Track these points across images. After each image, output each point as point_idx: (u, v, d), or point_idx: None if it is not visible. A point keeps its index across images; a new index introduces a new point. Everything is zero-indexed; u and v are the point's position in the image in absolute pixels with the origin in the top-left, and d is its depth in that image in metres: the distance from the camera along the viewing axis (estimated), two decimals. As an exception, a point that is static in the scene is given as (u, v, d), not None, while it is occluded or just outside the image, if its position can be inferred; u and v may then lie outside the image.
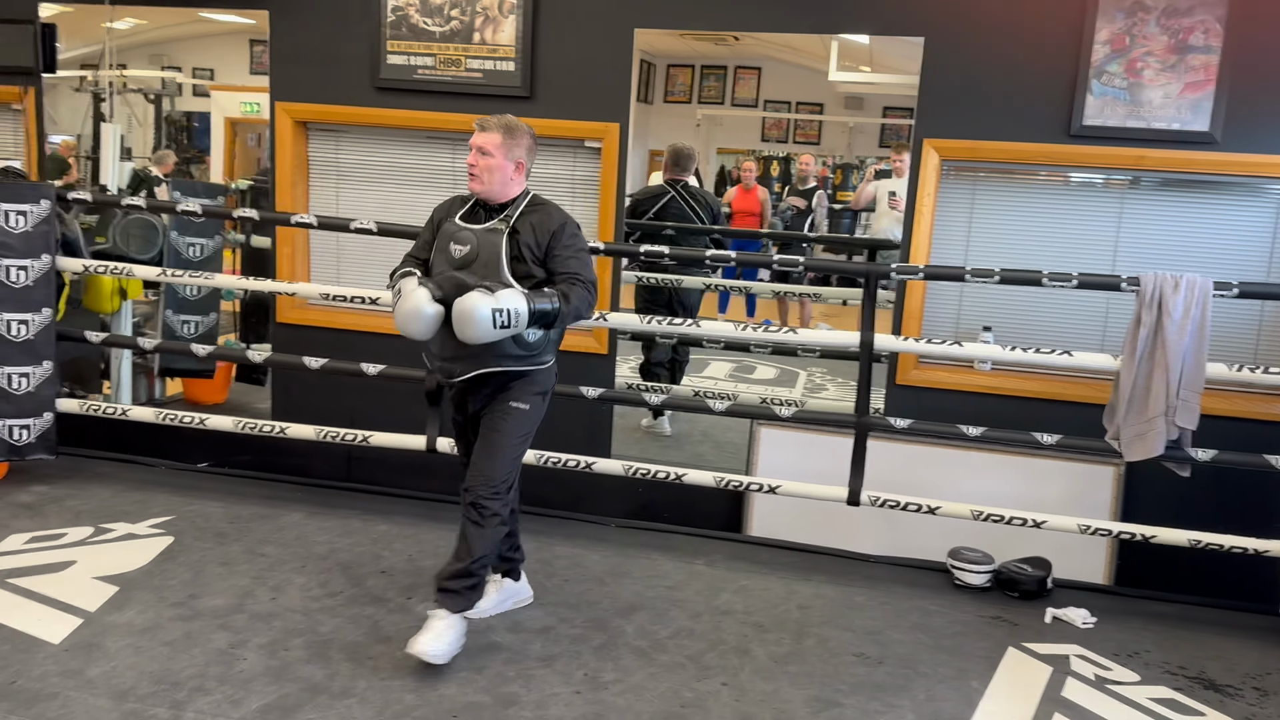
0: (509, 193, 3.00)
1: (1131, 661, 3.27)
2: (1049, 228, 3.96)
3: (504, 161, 2.95)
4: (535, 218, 2.97)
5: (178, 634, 3.04)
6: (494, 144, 2.94)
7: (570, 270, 2.94)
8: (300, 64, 4.38)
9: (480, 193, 2.99)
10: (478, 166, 2.95)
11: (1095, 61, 3.75)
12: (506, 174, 2.97)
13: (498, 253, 2.92)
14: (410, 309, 2.86)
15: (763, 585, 3.67)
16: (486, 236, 2.95)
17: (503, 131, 2.96)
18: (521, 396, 3.01)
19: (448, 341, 2.93)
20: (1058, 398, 3.92)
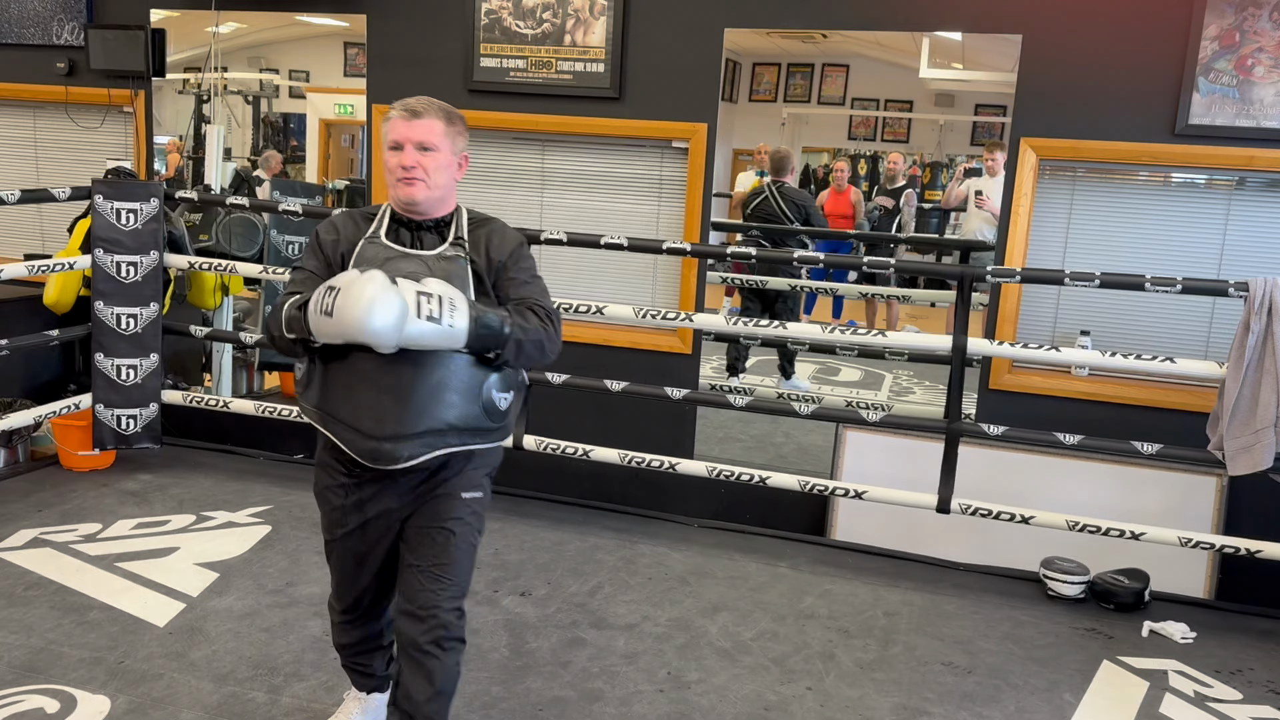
0: (449, 203, 2.25)
1: (1234, 679, 3.15)
2: (1150, 230, 3.84)
3: (451, 157, 2.19)
4: (484, 236, 2.24)
5: (275, 620, 3.14)
6: (438, 134, 2.15)
7: (526, 295, 2.21)
8: (395, 66, 4.48)
9: (420, 202, 2.17)
10: (419, 168, 2.14)
11: (1203, 58, 3.62)
12: (453, 173, 2.21)
13: (462, 289, 2.13)
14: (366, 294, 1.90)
15: (848, 590, 3.63)
16: (443, 266, 2.16)
17: (444, 117, 2.18)
18: (473, 482, 2.25)
19: (387, 411, 2.07)
20: (1158, 405, 3.80)
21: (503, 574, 3.58)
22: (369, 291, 1.91)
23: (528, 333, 2.13)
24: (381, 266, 2.07)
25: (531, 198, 4.47)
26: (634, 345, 4.34)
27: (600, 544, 3.91)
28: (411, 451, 2.11)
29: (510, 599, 3.38)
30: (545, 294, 2.27)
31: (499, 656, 2.99)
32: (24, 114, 5.27)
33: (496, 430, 2.24)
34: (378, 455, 2.10)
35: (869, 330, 3.83)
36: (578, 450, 3.97)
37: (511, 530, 3.97)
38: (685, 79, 4.14)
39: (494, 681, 2.86)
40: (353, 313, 1.90)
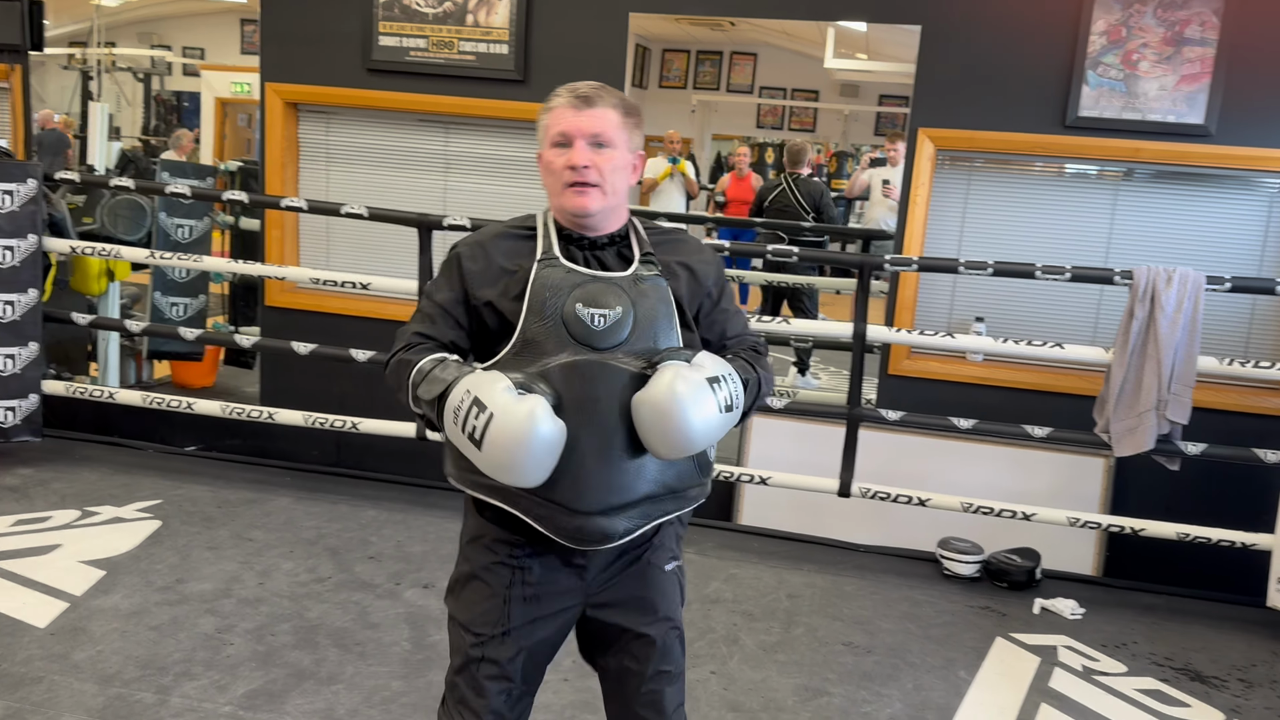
0: (623, 212, 1.76)
1: (1119, 653, 3.28)
2: (1043, 219, 3.95)
3: (628, 156, 1.72)
4: (681, 255, 1.76)
5: (164, 619, 3.02)
6: (614, 126, 1.68)
7: (743, 333, 1.83)
8: (291, 44, 4.34)
9: (594, 214, 1.69)
10: (594, 169, 1.66)
11: (1092, 52, 3.74)
12: (629, 178, 1.73)
13: (669, 314, 1.69)
14: (522, 435, 1.51)
15: (753, 574, 3.67)
16: (643, 290, 1.67)
17: (621, 107, 1.71)
18: (663, 556, 1.80)
19: (594, 478, 1.61)
20: (1049, 389, 3.92)
21: (405, 566, 3.51)
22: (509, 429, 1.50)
23: (767, 381, 1.79)
24: (568, 296, 1.63)
25: (434, 181, 4.39)
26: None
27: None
28: (629, 523, 1.66)
29: (412, 591, 3.32)
30: (749, 321, 1.93)
31: (400, 650, 2.94)
32: (-112, 87, 4.95)
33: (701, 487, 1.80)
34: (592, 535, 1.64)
35: (773, 318, 3.86)
36: (482, 439, 3.91)
37: (415, 521, 3.90)
38: (591, 63, 4.10)
39: (394, 676, 2.80)
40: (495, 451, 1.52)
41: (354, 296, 4.33)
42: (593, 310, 1.63)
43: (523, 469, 1.54)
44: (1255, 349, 3.86)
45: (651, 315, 1.67)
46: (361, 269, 4.29)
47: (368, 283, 3.90)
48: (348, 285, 3.93)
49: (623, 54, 4.12)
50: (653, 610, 1.76)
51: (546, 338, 1.62)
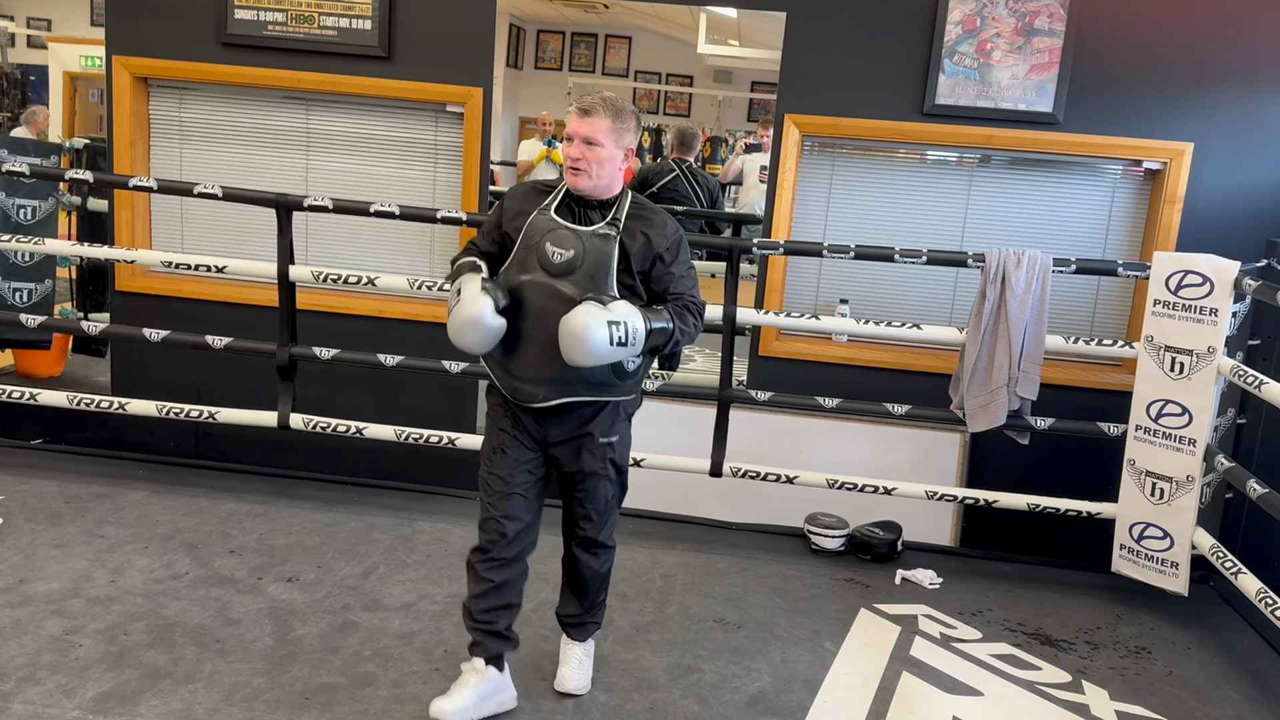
0: (614, 188, 2.54)
1: (975, 620, 3.42)
2: (904, 204, 4.08)
3: (615, 151, 2.49)
4: (645, 225, 2.52)
5: (5, 621, 2.85)
6: (603, 131, 2.46)
7: (683, 291, 2.55)
8: (141, 16, 4.11)
9: (586, 190, 2.51)
10: (585, 160, 2.47)
11: (948, 41, 3.86)
12: (617, 165, 2.51)
13: (608, 263, 2.47)
14: (468, 318, 2.39)
15: (628, 555, 3.69)
16: (595, 242, 2.47)
17: (611, 114, 2.48)
18: (605, 429, 2.61)
19: (532, 360, 2.49)
20: (909, 368, 4.05)
21: (268, 560, 3.40)
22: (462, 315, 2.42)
23: (685, 332, 2.51)
24: (545, 236, 2.49)
25: (295, 160, 4.24)
26: (411, 317, 4.20)
27: (376, 523, 3.79)
28: (548, 394, 2.51)
29: (275, 585, 3.22)
30: (696, 285, 2.60)
31: (262, 646, 2.85)
32: None
33: (624, 387, 2.58)
34: (524, 395, 2.53)
35: (644, 300, 3.88)
36: (350, 427, 3.82)
37: (279, 514, 3.78)
38: (460, 40, 4.03)
39: (256, 673, 2.71)
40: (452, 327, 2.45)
41: (210, 280, 4.16)
42: (555, 249, 2.48)
43: (463, 341, 2.45)
44: (1099, 328, 4.08)
45: (597, 261, 2.47)
46: (218, 251, 4.12)
47: (224, 265, 3.75)
48: (203, 269, 3.77)
49: (490, 32, 4.06)
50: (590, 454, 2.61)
51: (526, 260, 2.51)
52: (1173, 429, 3.42)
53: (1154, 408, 3.45)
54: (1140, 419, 3.49)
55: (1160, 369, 3.43)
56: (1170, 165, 3.84)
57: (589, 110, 2.48)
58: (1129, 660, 3.24)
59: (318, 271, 3.73)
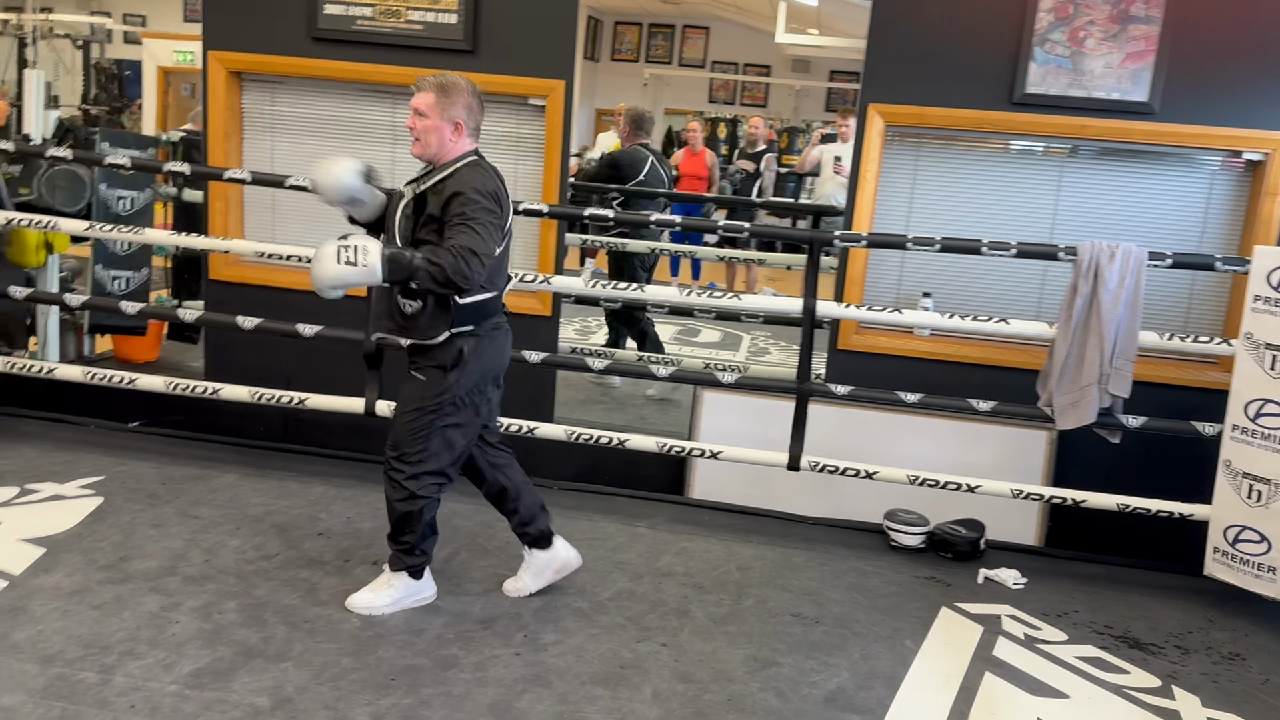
0: (449, 154, 2.90)
1: (1060, 621, 3.35)
2: (989, 195, 4.00)
3: (440, 122, 2.86)
4: (447, 183, 2.85)
5: (107, 597, 2.97)
6: (428, 104, 2.85)
7: (453, 238, 2.77)
8: (235, 12, 4.23)
9: (420, 156, 2.92)
10: (416, 129, 2.88)
11: (1039, 29, 3.77)
12: (444, 135, 2.87)
13: (393, 214, 2.92)
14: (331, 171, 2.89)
15: (703, 547, 3.69)
16: (408, 199, 2.92)
17: (437, 91, 2.86)
18: (420, 368, 2.96)
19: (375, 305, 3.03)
20: (994, 363, 3.98)
21: (355, 543, 3.49)
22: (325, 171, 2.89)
23: (435, 267, 2.71)
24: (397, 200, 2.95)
25: (382, 153, 4.32)
26: (491, 307, 4.25)
27: (457, 509, 3.85)
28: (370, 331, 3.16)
29: (362, 568, 3.30)
30: (470, 235, 2.75)
31: (349, 627, 2.92)
32: None
33: (408, 330, 2.91)
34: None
35: (725, 294, 3.87)
36: (433, 414, 3.89)
37: (364, 498, 3.87)
38: (542, 34, 4.06)
39: (343, 653, 2.79)
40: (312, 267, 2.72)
41: (301, 270, 4.25)
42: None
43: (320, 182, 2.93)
44: (1195, 324, 3.95)
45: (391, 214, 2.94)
46: (308, 242, 4.22)
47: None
48: (294, 259, 3.86)
49: (573, 25, 4.08)
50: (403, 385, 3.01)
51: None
52: (1272, 429, 3.30)
53: (1252, 407, 3.34)
54: (1237, 418, 3.38)
55: (1260, 367, 3.31)
56: (1272, 156, 3.70)
57: (419, 87, 2.87)
58: (1222, 666, 3.14)
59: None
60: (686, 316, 6.36)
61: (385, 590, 3.04)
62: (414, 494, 2.95)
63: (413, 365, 2.98)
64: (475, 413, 2.99)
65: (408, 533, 3.00)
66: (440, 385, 2.93)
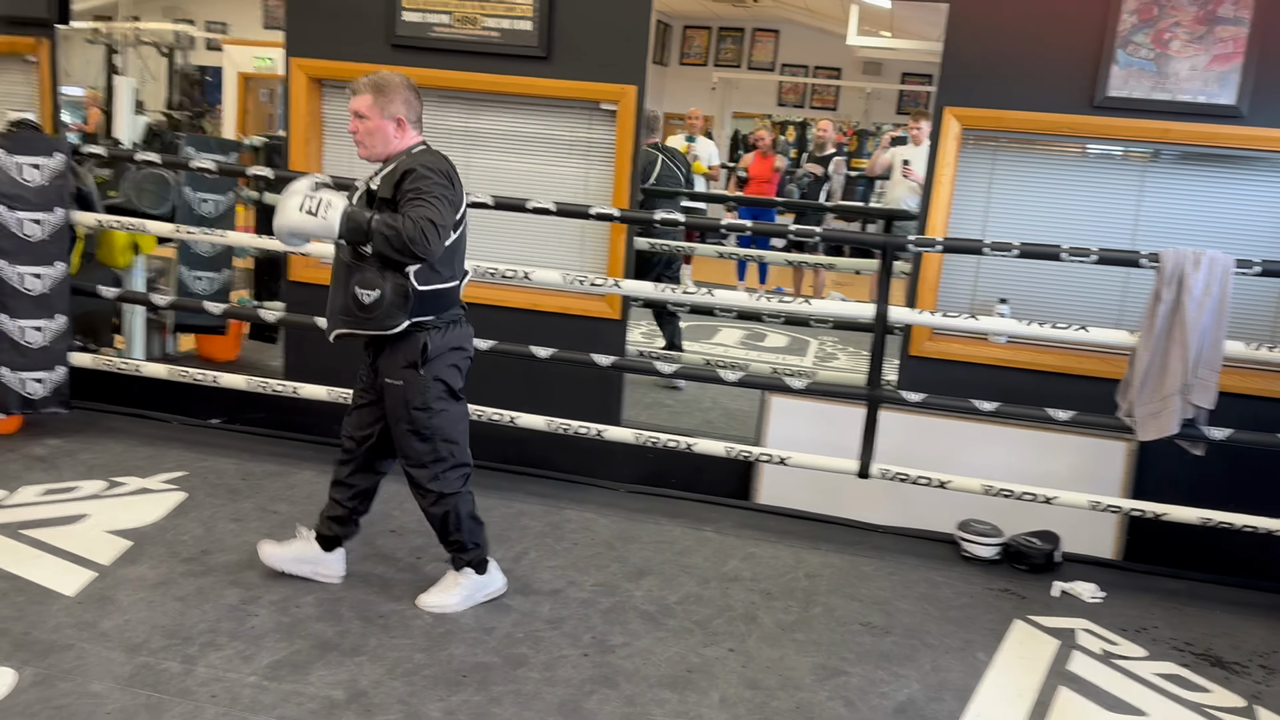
0: (395, 150, 2.88)
1: (1139, 637, 3.27)
2: (1068, 200, 3.92)
3: (381, 121, 2.84)
4: (396, 170, 2.82)
5: (190, 589, 3.07)
6: (366, 105, 2.83)
7: (407, 207, 2.74)
8: (316, 19, 4.34)
9: (367, 158, 2.91)
10: (359, 132, 2.86)
11: (1122, 31, 3.69)
12: (388, 134, 2.86)
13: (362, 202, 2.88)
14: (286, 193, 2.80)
15: (771, 553, 3.68)
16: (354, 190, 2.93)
17: (373, 91, 2.83)
18: (392, 371, 2.93)
19: (328, 298, 2.96)
20: (1072, 372, 3.90)
21: (428, 540, 3.53)
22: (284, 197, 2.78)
23: (390, 228, 2.68)
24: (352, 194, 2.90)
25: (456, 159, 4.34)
26: (562, 310, 4.30)
27: (526, 510, 3.89)
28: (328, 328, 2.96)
29: (434, 565, 3.35)
30: (425, 205, 2.71)
31: (421, 624, 2.97)
32: (-83, 60, 4.98)
33: (366, 320, 2.85)
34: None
35: (795, 298, 3.85)
36: (504, 416, 3.94)
37: (436, 496, 3.93)
38: (615, 39, 4.09)
39: (416, 649, 2.84)
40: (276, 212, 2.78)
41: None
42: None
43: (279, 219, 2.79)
44: (1282, 333, 3.83)
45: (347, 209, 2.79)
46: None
47: (391, 259, 3.91)
48: (371, 261, 3.93)
49: (646, 31, 4.10)
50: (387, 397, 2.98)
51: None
52: (1367, 444, 3.18)
53: (1345, 421, 3.22)
54: (1329, 432, 3.26)
55: (1354, 379, 3.19)
56: (1369, 160, 3.57)
57: (355, 90, 2.84)
58: (1310, 689, 3.04)
59: (476, 265, 3.86)
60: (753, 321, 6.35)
61: (454, 589, 3.09)
62: (442, 494, 2.98)
63: (379, 365, 2.96)
64: (456, 396, 3.00)
65: (454, 532, 3.04)
66: (419, 384, 2.92)
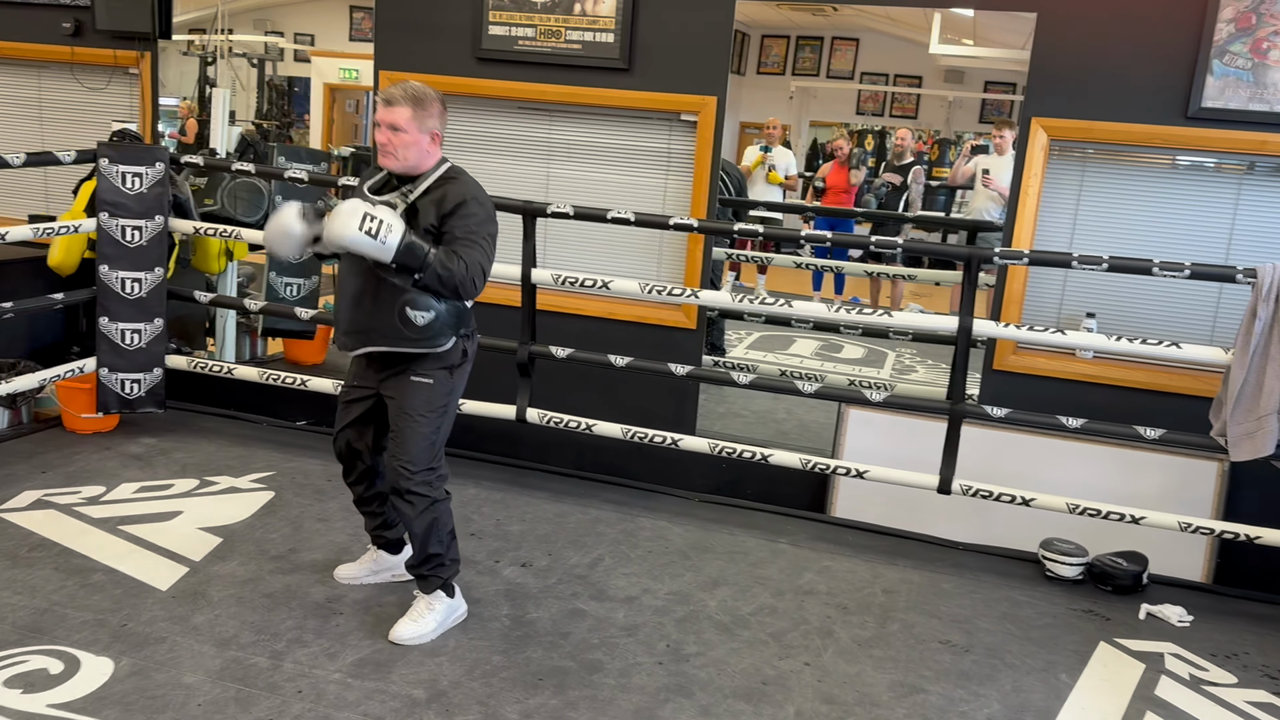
0: (423, 166, 2.81)
1: (1229, 663, 3.17)
2: (1159, 213, 3.82)
3: (418, 135, 2.75)
4: (438, 197, 2.76)
5: (278, 586, 3.16)
6: (405, 119, 2.72)
7: (456, 247, 2.70)
8: (404, 34, 4.44)
9: (396, 170, 2.80)
10: (391, 144, 2.74)
11: (1218, 40, 3.59)
12: (422, 148, 2.77)
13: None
14: (277, 227, 2.72)
15: (847, 567, 3.65)
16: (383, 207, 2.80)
17: (411, 104, 2.73)
18: (423, 371, 2.86)
19: (342, 313, 2.88)
20: (1161, 389, 3.80)
21: (504, 544, 3.60)
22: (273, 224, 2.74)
23: (448, 268, 2.65)
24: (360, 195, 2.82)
25: (538, 169, 4.45)
26: (639, 319, 4.33)
27: (601, 516, 3.92)
28: (354, 344, 2.90)
29: (511, 569, 3.40)
30: (475, 246, 2.71)
31: (499, 626, 3.02)
32: (29, 74, 5.23)
33: (419, 340, 2.81)
34: (342, 345, 2.95)
35: (874, 310, 3.82)
36: (580, 424, 3.98)
37: (513, 501, 3.98)
38: (695, 51, 4.11)
39: (494, 650, 2.88)
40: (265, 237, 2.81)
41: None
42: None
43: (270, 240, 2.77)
44: (1388, 353, 3.67)
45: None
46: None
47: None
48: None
49: (726, 42, 4.12)
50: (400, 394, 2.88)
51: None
52: None
53: None
54: None
55: None
56: None
57: (391, 100, 2.74)
58: None
59: (557, 274, 3.91)
60: (830, 332, 6.29)
61: (427, 615, 2.95)
62: (434, 500, 2.89)
63: (413, 371, 2.86)
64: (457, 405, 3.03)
65: (435, 544, 2.91)
66: (448, 385, 2.90)
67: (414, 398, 2.86)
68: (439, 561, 2.95)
